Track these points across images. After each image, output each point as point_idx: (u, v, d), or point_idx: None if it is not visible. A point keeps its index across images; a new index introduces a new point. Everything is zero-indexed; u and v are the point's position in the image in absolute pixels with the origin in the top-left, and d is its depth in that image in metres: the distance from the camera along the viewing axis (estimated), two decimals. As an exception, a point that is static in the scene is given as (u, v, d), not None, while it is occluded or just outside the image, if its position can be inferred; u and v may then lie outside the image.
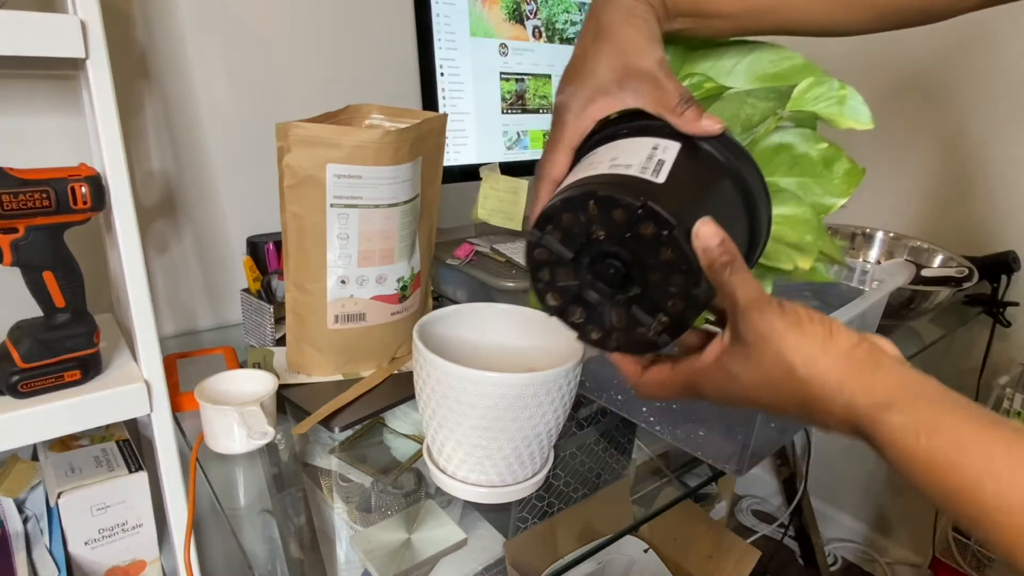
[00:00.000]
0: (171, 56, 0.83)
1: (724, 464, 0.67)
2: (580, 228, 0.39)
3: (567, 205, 0.39)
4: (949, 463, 0.31)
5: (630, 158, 0.40)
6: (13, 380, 0.54)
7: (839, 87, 0.46)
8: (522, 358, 0.64)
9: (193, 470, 0.65)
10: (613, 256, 0.39)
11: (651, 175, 0.38)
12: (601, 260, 0.40)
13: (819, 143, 0.47)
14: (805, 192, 0.47)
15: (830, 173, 0.47)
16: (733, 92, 0.47)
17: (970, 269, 1.05)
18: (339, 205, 0.69)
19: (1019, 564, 0.29)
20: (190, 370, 0.78)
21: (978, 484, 0.30)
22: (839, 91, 0.46)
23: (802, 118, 0.46)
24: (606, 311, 0.41)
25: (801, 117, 0.46)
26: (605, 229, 0.38)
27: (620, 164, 0.40)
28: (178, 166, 0.87)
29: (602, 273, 0.40)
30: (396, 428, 0.73)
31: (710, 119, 0.41)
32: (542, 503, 0.64)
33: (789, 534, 1.59)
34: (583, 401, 0.79)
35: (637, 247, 0.38)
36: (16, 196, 0.50)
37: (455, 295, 1.00)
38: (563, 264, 0.41)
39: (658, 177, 0.38)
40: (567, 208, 0.39)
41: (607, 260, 0.39)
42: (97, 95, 0.52)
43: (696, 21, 0.46)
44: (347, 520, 0.64)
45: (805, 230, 0.46)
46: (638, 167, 0.39)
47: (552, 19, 1.04)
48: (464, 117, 0.96)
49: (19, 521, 0.64)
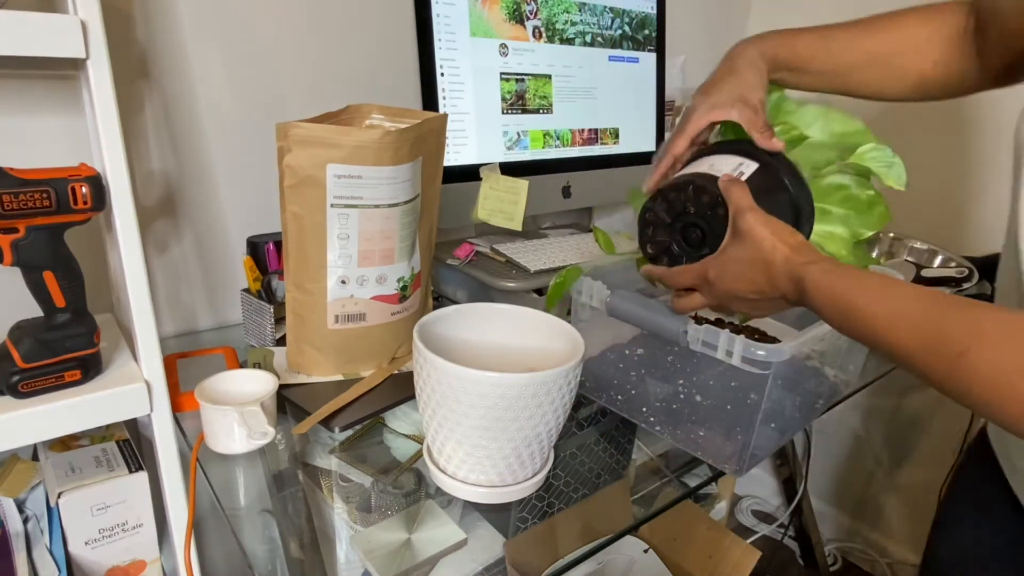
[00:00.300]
0: (171, 56, 0.83)
1: (724, 464, 0.67)
2: (679, 203, 0.58)
3: (674, 187, 0.59)
4: (841, 288, 0.47)
5: (723, 166, 0.60)
6: (13, 380, 0.54)
7: (891, 155, 0.62)
8: (522, 358, 0.64)
9: (193, 470, 0.65)
10: (696, 226, 0.58)
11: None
12: (689, 227, 0.59)
13: (868, 189, 0.63)
14: (848, 221, 0.63)
15: (870, 212, 0.62)
16: (811, 141, 0.65)
17: (970, 269, 1.05)
18: (339, 205, 0.69)
19: (895, 357, 0.44)
20: (190, 370, 0.78)
21: (858, 302, 0.45)
22: (891, 158, 0.62)
23: (859, 169, 0.63)
24: (682, 261, 0.60)
25: (859, 168, 0.63)
26: (695, 207, 0.57)
27: (715, 168, 0.59)
28: (178, 166, 0.87)
29: (687, 236, 0.60)
30: (396, 428, 0.73)
31: (778, 140, 0.60)
32: (542, 503, 0.64)
33: (789, 534, 1.59)
34: (583, 401, 0.79)
35: (713, 221, 0.57)
36: (16, 196, 0.50)
37: (455, 295, 1.00)
38: (663, 225, 0.60)
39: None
40: (674, 189, 0.59)
41: (692, 227, 0.59)
42: (97, 95, 0.52)
43: (791, 74, 0.67)
44: (347, 520, 0.64)
45: (841, 246, 0.63)
46: (726, 171, 0.59)
47: (552, 19, 1.04)
48: (464, 117, 0.96)
49: (19, 521, 0.64)
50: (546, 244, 1.01)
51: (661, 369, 0.72)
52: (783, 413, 0.71)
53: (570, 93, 1.09)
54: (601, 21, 1.11)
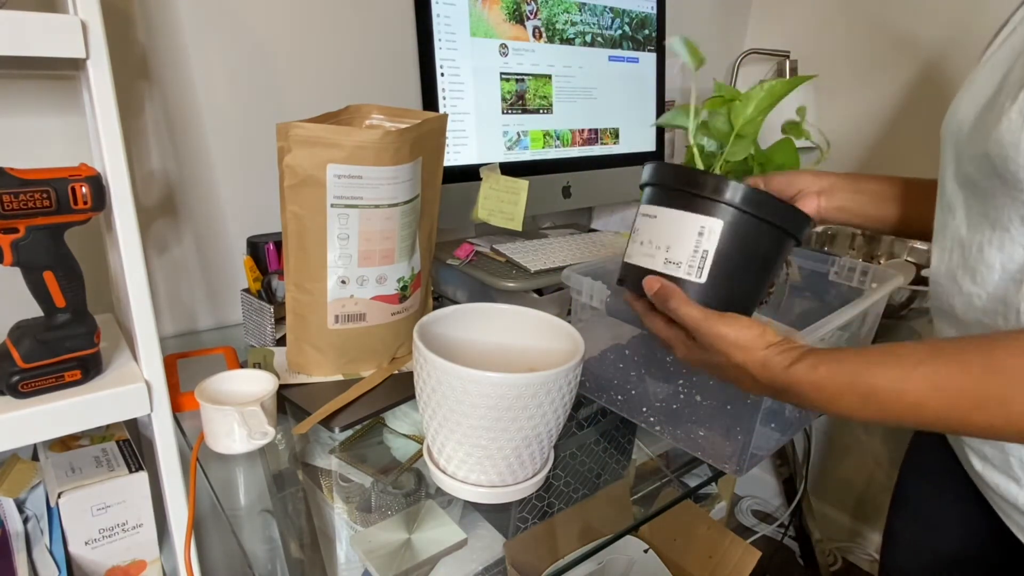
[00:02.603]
0: (171, 56, 0.83)
1: (724, 464, 0.67)
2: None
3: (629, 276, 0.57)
4: (848, 377, 0.44)
5: (682, 238, 0.53)
6: (13, 380, 0.54)
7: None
8: (522, 358, 0.64)
9: (193, 470, 0.65)
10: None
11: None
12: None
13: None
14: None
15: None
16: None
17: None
18: (339, 205, 0.69)
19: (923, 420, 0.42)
20: (190, 370, 0.78)
21: (878, 383, 0.43)
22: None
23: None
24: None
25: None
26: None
27: (673, 248, 0.54)
28: (178, 166, 0.87)
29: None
30: (396, 428, 0.73)
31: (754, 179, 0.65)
32: (542, 503, 0.64)
33: (789, 534, 1.59)
34: (583, 401, 0.79)
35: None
36: (17, 196, 0.50)
37: (455, 295, 1.00)
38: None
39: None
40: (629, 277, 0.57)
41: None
42: (97, 95, 0.52)
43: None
44: (347, 520, 0.64)
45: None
46: (685, 251, 0.53)
47: (552, 19, 1.04)
48: (464, 117, 0.96)
49: (19, 521, 0.64)
50: (546, 244, 1.01)
51: (661, 369, 0.72)
52: (783, 413, 0.71)
53: (570, 93, 1.09)
54: (601, 21, 1.11)
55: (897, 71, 1.34)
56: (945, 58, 1.27)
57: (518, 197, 0.95)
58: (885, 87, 1.36)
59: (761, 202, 0.52)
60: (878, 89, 1.37)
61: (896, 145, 1.36)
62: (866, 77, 1.39)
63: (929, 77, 1.30)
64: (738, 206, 0.51)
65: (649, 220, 0.55)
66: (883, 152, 1.38)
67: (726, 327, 0.50)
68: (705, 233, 0.52)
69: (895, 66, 1.34)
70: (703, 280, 0.52)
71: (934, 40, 1.27)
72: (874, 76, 1.38)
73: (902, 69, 1.33)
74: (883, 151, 1.38)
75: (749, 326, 0.50)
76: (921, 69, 1.31)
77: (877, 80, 1.37)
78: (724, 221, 0.51)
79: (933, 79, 1.29)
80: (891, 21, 1.33)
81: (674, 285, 0.52)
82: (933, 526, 0.68)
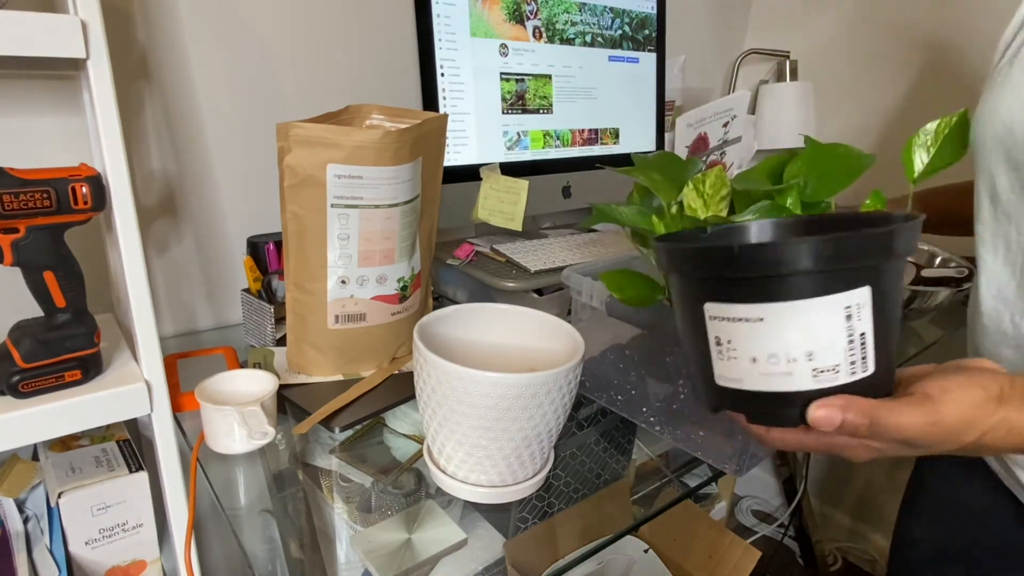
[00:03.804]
0: (171, 56, 0.83)
1: (724, 464, 0.67)
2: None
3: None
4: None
5: (827, 327, 0.39)
6: (14, 380, 0.54)
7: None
8: (522, 358, 0.64)
9: (193, 470, 0.65)
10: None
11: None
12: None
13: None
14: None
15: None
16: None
17: (970, 269, 1.05)
18: (339, 205, 0.69)
19: None
20: (190, 370, 0.78)
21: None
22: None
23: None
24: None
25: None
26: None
27: (811, 340, 0.39)
28: (178, 166, 0.87)
29: None
30: (396, 428, 0.73)
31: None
32: (542, 503, 0.64)
33: (789, 534, 1.59)
34: (583, 401, 0.79)
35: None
36: (17, 196, 0.50)
37: (455, 295, 1.00)
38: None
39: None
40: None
41: None
42: (97, 95, 0.52)
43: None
44: (347, 520, 0.64)
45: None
46: (839, 343, 0.39)
47: (552, 19, 1.04)
48: (464, 117, 0.96)
49: (19, 521, 0.64)
50: (546, 244, 1.01)
51: (661, 369, 0.72)
52: (783, 413, 0.71)
53: (570, 93, 1.09)
54: (601, 21, 1.11)
55: (897, 71, 1.34)
56: (946, 58, 1.27)
57: (518, 197, 0.95)
58: (885, 87, 1.36)
59: (904, 231, 0.37)
60: (878, 89, 1.37)
61: (896, 145, 1.36)
62: (866, 77, 1.39)
63: (930, 77, 1.30)
64: (891, 252, 0.37)
65: (748, 326, 0.39)
66: (883, 152, 1.38)
67: (951, 413, 0.38)
68: (854, 312, 0.37)
69: (895, 66, 1.34)
70: (870, 372, 0.38)
71: (935, 40, 1.27)
72: (874, 76, 1.38)
73: (902, 69, 1.33)
74: (883, 151, 1.38)
75: (972, 399, 0.38)
76: (921, 69, 1.31)
77: (877, 80, 1.37)
78: (870, 284, 0.37)
79: (934, 79, 1.29)
80: (891, 21, 1.33)
81: (865, 404, 0.38)
82: (949, 517, 0.66)
